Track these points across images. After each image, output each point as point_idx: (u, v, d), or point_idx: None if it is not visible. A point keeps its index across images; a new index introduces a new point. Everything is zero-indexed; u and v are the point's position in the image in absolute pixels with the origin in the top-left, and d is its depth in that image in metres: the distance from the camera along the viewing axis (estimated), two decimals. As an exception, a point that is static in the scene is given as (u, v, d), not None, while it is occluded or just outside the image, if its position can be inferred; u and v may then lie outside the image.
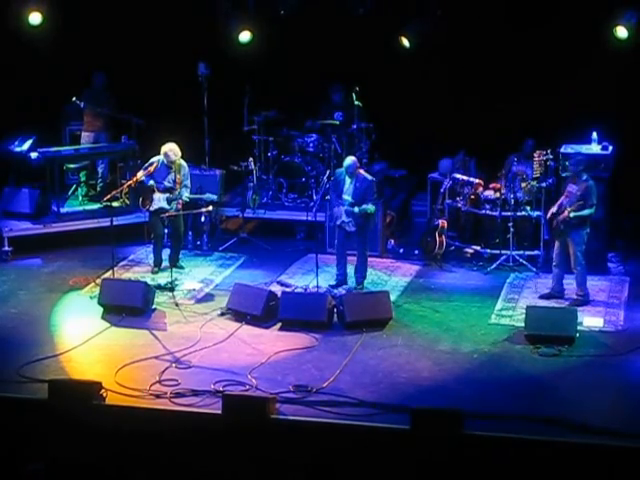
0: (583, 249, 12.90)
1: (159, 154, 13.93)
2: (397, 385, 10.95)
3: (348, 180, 13.43)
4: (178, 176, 13.89)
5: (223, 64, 15.89)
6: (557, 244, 13.09)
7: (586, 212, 12.83)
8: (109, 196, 14.04)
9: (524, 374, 11.24)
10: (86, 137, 16.08)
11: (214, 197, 14.22)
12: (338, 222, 13.52)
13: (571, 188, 12.99)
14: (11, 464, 10.04)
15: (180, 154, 13.90)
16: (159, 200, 13.92)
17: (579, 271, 12.95)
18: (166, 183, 13.92)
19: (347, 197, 13.38)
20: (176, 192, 13.87)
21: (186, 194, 13.96)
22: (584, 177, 12.97)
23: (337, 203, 13.50)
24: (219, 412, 10.23)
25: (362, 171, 13.60)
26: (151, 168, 13.85)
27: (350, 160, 13.51)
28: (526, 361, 11.54)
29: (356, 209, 13.25)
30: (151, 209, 14.02)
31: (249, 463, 9.98)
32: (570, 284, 13.17)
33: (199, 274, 14.24)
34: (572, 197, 12.89)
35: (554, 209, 13.02)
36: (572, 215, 12.76)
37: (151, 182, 13.86)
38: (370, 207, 13.30)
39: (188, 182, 14.04)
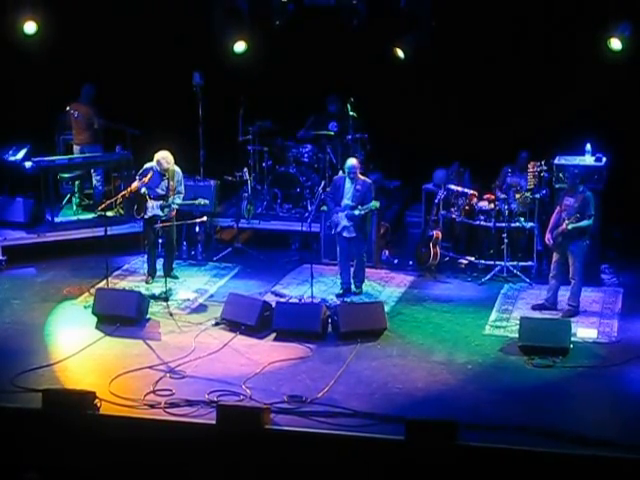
0: (583, 260, 12.91)
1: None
2: (391, 396, 10.94)
3: (348, 183, 13.46)
4: (172, 183, 13.87)
5: (218, 74, 15.90)
6: (556, 255, 13.06)
7: (584, 223, 12.82)
8: (103, 206, 13.97)
9: (518, 385, 11.23)
10: (75, 150, 16.10)
11: (207, 201, 14.15)
12: (338, 228, 13.53)
13: (568, 201, 12.98)
14: (5, 474, 10.02)
15: (173, 161, 13.88)
16: (153, 208, 13.91)
17: (576, 282, 12.94)
18: (159, 191, 13.89)
19: (347, 201, 13.42)
20: (169, 199, 13.88)
21: (178, 200, 13.94)
22: (581, 189, 13.00)
23: (335, 210, 13.51)
24: (213, 422, 10.22)
25: (360, 175, 13.60)
26: (145, 179, 13.81)
27: (352, 162, 13.53)
28: (520, 372, 11.54)
29: (359, 208, 13.27)
30: (145, 217, 14.02)
31: (243, 473, 9.98)
32: (563, 296, 13.16)
33: (193, 284, 14.23)
34: (570, 210, 12.89)
35: (551, 224, 13.04)
36: (570, 227, 12.77)
37: (144, 190, 13.85)
38: (374, 203, 13.31)
39: (181, 188, 14.01)
